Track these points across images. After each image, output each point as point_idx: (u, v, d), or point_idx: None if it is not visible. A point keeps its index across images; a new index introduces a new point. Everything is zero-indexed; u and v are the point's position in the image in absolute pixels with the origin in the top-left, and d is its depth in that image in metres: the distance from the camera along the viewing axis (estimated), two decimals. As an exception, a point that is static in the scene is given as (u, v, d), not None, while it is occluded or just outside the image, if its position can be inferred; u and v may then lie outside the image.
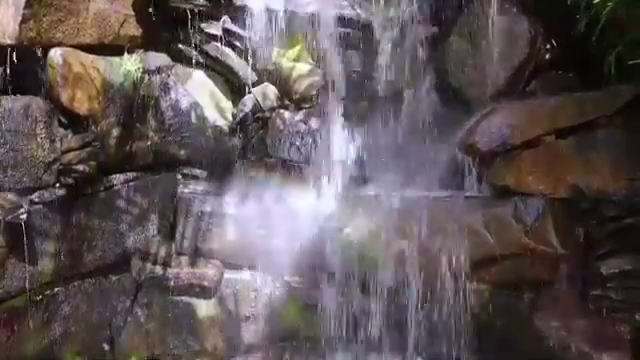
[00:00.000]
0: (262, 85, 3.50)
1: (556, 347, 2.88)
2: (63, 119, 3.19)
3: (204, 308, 3.34)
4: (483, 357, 3.05)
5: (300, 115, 3.48)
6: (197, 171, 3.44)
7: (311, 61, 3.52)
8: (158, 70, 3.34)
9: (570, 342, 2.87)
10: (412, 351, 3.15)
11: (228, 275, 3.36)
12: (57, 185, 3.15)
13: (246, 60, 3.48)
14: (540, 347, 2.91)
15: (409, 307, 3.10)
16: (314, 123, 3.46)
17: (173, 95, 3.36)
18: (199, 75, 3.50)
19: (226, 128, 3.47)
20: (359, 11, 3.48)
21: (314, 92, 3.47)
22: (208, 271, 3.33)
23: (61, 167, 3.15)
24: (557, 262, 2.95)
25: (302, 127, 3.45)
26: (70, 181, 3.16)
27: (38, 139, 3.07)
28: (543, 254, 2.91)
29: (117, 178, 3.30)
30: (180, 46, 3.46)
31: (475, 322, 3.03)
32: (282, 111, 3.48)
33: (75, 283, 3.28)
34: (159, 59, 3.38)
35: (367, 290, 3.17)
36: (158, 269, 3.32)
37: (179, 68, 3.44)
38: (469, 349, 3.04)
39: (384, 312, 3.16)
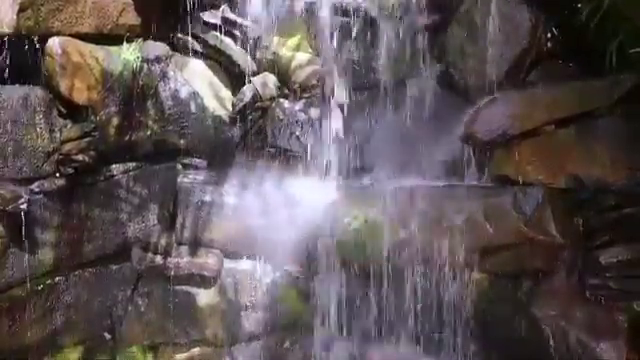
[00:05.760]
0: (262, 74, 3.49)
1: (554, 336, 2.90)
2: (62, 109, 3.19)
3: (204, 297, 3.35)
4: (482, 346, 3.07)
5: (300, 104, 3.47)
6: (197, 161, 3.44)
7: (311, 50, 3.51)
8: (157, 59, 3.33)
9: (568, 331, 2.89)
10: (411, 340, 3.16)
11: (228, 264, 3.37)
12: (57, 175, 3.15)
13: (245, 49, 3.47)
14: (539, 336, 2.93)
15: (409, 296, 3.11)
16: (314, 113, 3.45)
17: (172, 84, 3.35)
18: (198, 64, 3.49)
19: (226, 118, 3.46)
20: (359, 0, 3.46)
21: (314, 82, 3.46)
22: (208, 260, 3.33)
23: (61, 157, 3.15)
24: (556, 251, 2.95)
25: (302, 117, 3.44)
26: (70, 171, 3.17)
27: (37, 129, 3.08)
28: (542, 244, 2.92)
29: (117, 168, 3.30)
30: (179, 35, 3.44)
31: (474, 311, 3.04)
32: (282, 101, 3.47)
33: (76, 273, 3.29)
34: (158, 48, 3.36)
35: (367, 279, 3.18)
36: (158, 259, 3.33)
37: (178, 57, 3.43)
38: (468, 338, 3.05)
39: (384, 301, 3.17)
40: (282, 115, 3.44)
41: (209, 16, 3.44)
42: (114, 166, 3.29)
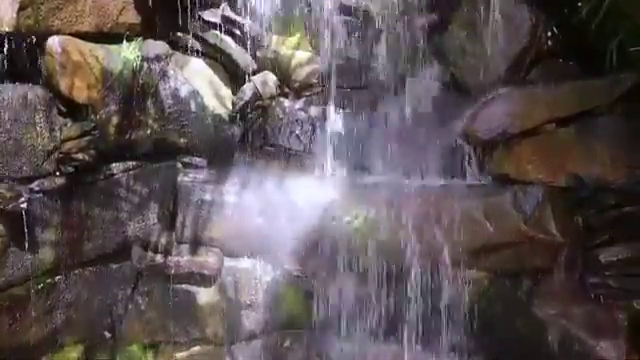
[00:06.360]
0: (262, 73, 3.49)
1: (554, 334, 2.90)
2: (62, 108, 3.19)
3: (204, 296, 3.35)
4: (482, 345, 3.07)
5: (300, 103, 3.47)
6: (197, 159, 3.43)
7: (311, 49, 3.51)
8: (157, 58, 3.32)
9: (568, 329, 2.89)
10: (411, 339, 3.16)
11: (228, 263, 3.37)
12: (57, 174, 3.15)
13: (245, 48, 3.47)
14: (538, 334, 2.93)
15: (408, 295, 3.11)
16: (314, 111, 3.45)
17: (172, 83, 3.35)
18: (198, 63, 3.48)
19: (226, 116, 3.45)
20: (359, -2, 3.46)
21: (314, 80, 3.46)
22: (208, 259, 3.33)
23: (61, 156, 3.15)
24: (556, 250, 2.96)
25: (302, 115, 3.44)
26: (70, 170, 3.17)
27: (37, 128, 3.07)
28: (542, 242, 2.92)
29: (117, 167, 3.29)
30: (179, 34, 3.44)
31: (474, 310, 3.04)
32: (282, 99, 3.47)
33: (76, 272, 3.29)
34: (158, 47, 3.36)
35: (367, 278, 3.18)
36: (158, 257, 3.33)
37: (178, 56, 3.42)
38: (468, 337, 3.06)
39: (384, 300, 3.17)
40: (282, 114, 3.44)
41: (209, 15, 3.44)
42: (114, 165, 3.29)
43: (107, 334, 3.40)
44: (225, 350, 3.38)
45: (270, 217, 3.28)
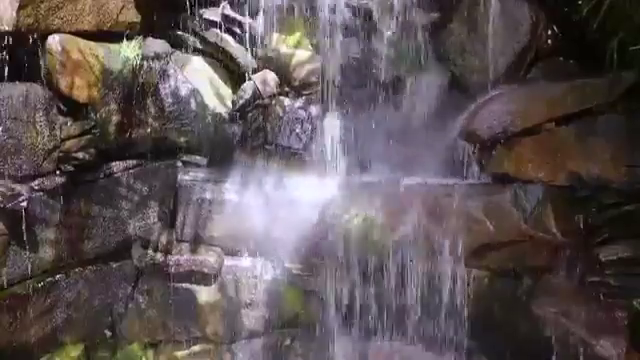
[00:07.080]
0: (262, 72, 3.49)
1: (554, 333, 2.90)
2: (62, 106, 3.19)
3: (205, 294, 3.36)
4: (482, 343, 3.07)
5: (300, 102, 3.47)
6: (197, 158, 3.44)
7: (311, 48, 3.51)
8: (157, 57, 3.32)
9: (568, 328, 2.89)
10: (411, 337, 3.17)
11: (228, 262, 3.38)
12: (57, 172, 3.15)
13: (245, 47, 3.47)
14: (538, 333, 2.94)
15: (409, 293, 3.12)
16: (314, 110, 3.45)
17: (172, 82, 3.35)
18: (198, 62, 3.49)
19: (226, 115, 3.46)
20: (360, -3, 3.46)
21: (314, 79, 3.46)
22: (209, 258, 3.34)
23: (61, 154, 3.15)
24: (556, 249, 2.96)
25: (302, 114, 3.44)
26: (70, 168, 3.17)
27: (37, 126, 3.07)
28: (542, 241, 2.92)
29: (117, 165, 3.30)
30: (179, 33, 3.44)
31: (474, 308, 3.05)
32: (282, 98, 3.47)
33: (76, 270, 3.30)
34: (158, 46, 3.37)
35: (367, 276, 3.18)
36: (159, 256, 3.33)
37: (178, 55, 3.43)
38: (468, 335, 3.06)
39: (384, 298, 3.18)
40: (282, 112, 3.44)
41: (209, 13, 3.44)
42: (114, 164, 3.29)
43: (107, 332, 3.41)
44: (225, 349, 3.39)
45: (270, 216, 3.28)
